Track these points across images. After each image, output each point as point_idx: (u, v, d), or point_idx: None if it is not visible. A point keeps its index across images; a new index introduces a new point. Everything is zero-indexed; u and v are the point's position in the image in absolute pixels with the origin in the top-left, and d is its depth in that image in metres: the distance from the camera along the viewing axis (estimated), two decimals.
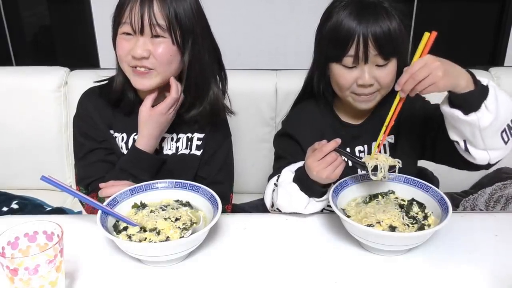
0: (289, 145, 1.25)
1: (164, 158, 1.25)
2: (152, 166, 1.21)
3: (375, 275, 0.96)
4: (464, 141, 1.05)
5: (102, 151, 1.26)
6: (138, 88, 1.19)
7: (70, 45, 3.31)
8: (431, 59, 0.94)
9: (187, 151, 1.28)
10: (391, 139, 1.24)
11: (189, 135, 1.28)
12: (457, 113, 0.99)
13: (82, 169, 1.28)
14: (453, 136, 1.06)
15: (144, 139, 1.19)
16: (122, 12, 1.11)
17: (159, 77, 1.15)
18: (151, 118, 1.17)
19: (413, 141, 1.23)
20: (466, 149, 1.06)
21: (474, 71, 1.88)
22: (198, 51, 1.17)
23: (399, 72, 1.09)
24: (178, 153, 1.28)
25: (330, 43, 1.14)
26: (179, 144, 1.28)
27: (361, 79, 1.11)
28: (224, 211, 1.23)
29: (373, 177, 1.06)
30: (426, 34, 0.96)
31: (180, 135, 1.28)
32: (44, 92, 1.75)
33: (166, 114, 1.18)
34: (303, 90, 1.32)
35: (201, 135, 1.29)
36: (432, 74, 0.93)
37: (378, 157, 1.07)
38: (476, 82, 0.99)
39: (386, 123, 1.06)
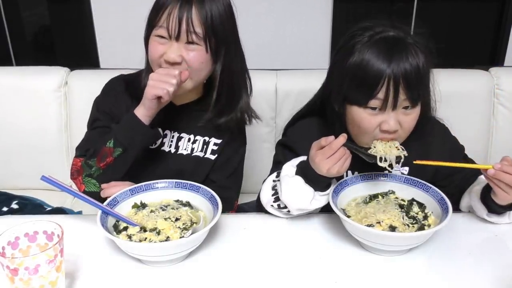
0: (290, 157, 1.20)
1: (158, 133, 1.20)
2: (141, 135, 1.14)
3: (375, 275, 0.96)
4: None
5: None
6: None
7: (70, 45, 3.31)
8: None
9: (201, 154, 1.28)
10: (405, 170, 1.21)
11: (206, 138, 1.28)
12: (483, 210, 1.09)
13: (86, 137, 1.27)
14: (463, 208, 1.17)
15: (141, 107, 1.14)
16: (160, 15, 1.10)
17: (191, 83, 1.16)
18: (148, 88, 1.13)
19: (425, 177, 1.19)
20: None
21: (474, 71, 1.88)
22: (231, 60, 1.18)
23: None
24: (193, 155, 1.28)
25: (354, 85, 1.05)
26: (195, 146, 1.28)
27: (387, 124, 1.04)
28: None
29: (381, 164, 1.06)
30: None
31: (198, 137, 1.28)
32: (44, 92, 1.74)
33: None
34: (307, 109, 1.28)
35: (218, 141, 1.29)
36: None
37: (385, 148, 1.07)
38: None
39: (431, 163, 1.07)
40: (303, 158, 1.11)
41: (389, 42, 1.04)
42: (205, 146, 1.28)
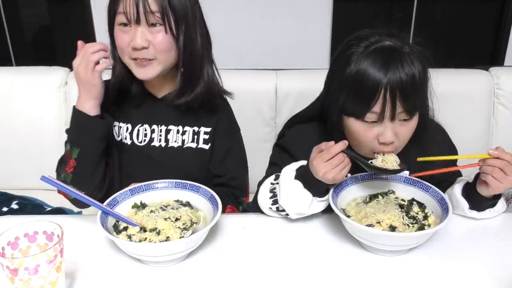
0: (287, 161, 1.19)
1: (109, 120, 1.19)
2: (91, 128, 1.15)
3: (375, 275, 0.96)
4: None
5: None
6: (141, 79, 1.18)
7: (70, 45, 3.31)
8: None
9: (194, 145, 1.28)
10: (405, 174, 1.18)
11: (196, 128, 1.28)
12: (465, 205, 1.10)
13: None
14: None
15: (86, 100, 1.15)
16: (117, 2, 1.11)
17: (161, 66, 1.16)
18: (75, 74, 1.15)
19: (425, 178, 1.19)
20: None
21: (474, 71, 1.88)
22: (190, 36, 1.17)
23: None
24: (184, 146, 1.27)
25: (350, 97, 1.04)
26: (185, 137, 1.28)
27: (383, 136, 1.03)
28: (241, 203, 1.29)
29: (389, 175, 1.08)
30: None
31: (186, 128, 1.28)
32: (44, 92, 1.75)
33: (84, 72, 1.12)
34: (307, 113, 1.26)
35: (208, 129, 1.28)
36: (507, 179, 1.00)
37: (386, 158, 1.06)
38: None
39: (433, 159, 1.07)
40: (303, 162, 1.10)
41: (385, 52, 1.02)
42: (195, 136, 1.28)
